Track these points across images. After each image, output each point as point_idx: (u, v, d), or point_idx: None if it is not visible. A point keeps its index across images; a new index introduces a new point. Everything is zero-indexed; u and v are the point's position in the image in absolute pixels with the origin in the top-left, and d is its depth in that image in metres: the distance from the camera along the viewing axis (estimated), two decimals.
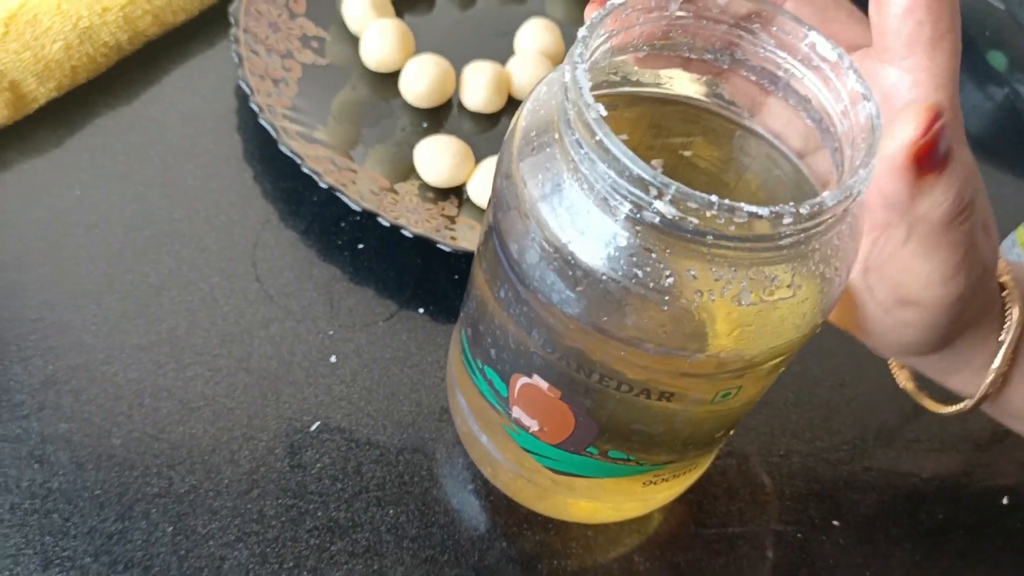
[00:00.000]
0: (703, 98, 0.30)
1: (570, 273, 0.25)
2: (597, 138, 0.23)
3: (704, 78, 0.30)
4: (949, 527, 0.41)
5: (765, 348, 0.27)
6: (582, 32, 0.25)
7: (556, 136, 0.25)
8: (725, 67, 0.29)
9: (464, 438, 0.37)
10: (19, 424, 0.37)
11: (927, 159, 0.25)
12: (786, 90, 0.28)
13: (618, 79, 0.29)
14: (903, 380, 0.38)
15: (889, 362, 0.38)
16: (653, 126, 0.31)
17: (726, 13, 0.28)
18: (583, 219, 0.24)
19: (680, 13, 0.27)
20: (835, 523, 0.40)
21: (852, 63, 0.25)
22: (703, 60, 0.29)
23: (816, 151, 0.29)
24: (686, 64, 0.29)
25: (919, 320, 0.29)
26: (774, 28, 0.27)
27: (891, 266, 0.28)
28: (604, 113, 0.23)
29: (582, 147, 0.23)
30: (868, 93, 0.25)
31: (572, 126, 0.24)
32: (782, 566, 0.38)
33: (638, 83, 0.30)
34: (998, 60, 0.66)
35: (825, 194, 0.23)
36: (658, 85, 0.30)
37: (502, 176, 0.27)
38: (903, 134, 0.24)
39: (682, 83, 0.30)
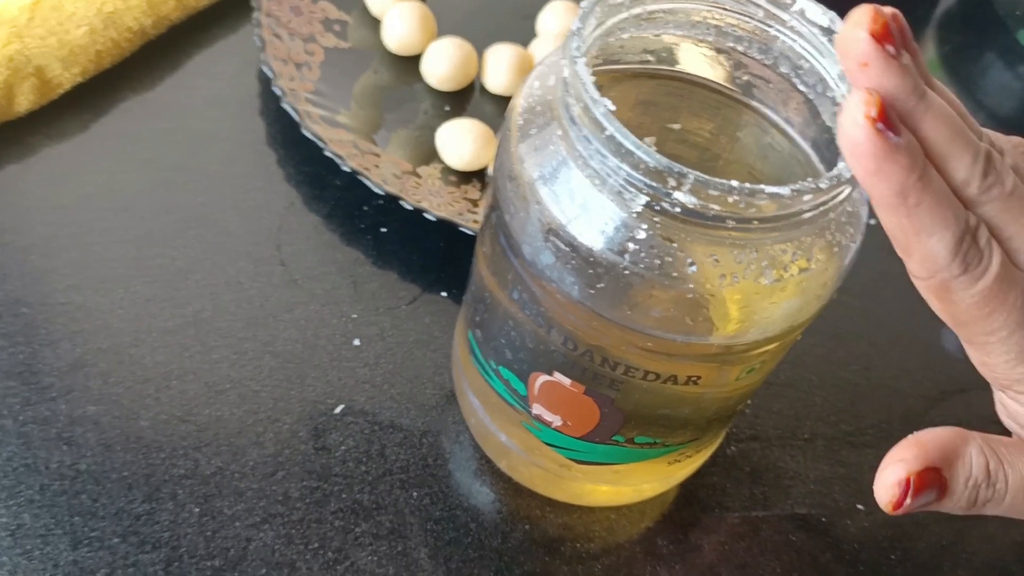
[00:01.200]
0: (689, 71, 0.30)
1: (590, 271, 0.25)
2: (608, 133, 0.23)
3: (700, 51, 0.30)
4: (974, 517, 0.40)
5: (789, 322, 0.27)
6: (575, 24, 0.25)
7: (560, 133, 0.25)
8: (711, 39, 0.29)
9: (478, 435, 0.37)
10: (48, 406, 0.37)
11: (913, 506, 0.24)
12: (777, 58, 0.28)
13: (600, 60, 0.29)
14: None
15: None
16: (640, 103, 0.31)
17: None
18: (598, 215, 0.24)
19: None
20: (860, 507, 0.40)
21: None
22: (690, 36, 0.29)
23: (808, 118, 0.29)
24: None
25: None
26: None
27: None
28: (613, 108, 0.23)
29: (591, 142, 0.23)
30: None
31: (578, 122, 0.24)
32: (806, 550, 0.38)
33: (619, 61, 0.29)
34: None
35: (841, 165, 0.23)
36: (644, 63, 0.30)
37: (504, 177, 0.27)
38: (881, 498, 0.24)
39: (672, 57, 0.30)
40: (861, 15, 0.22)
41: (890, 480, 0.24)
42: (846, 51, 0.22)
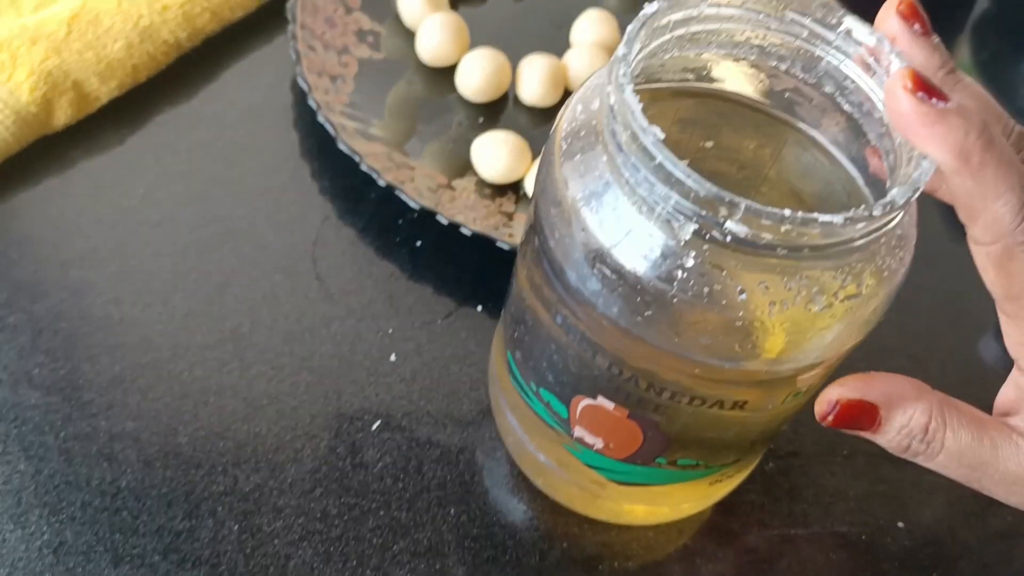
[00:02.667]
0: (729, 89, 0.30)
1: (637, 298, 0.25)
2: (657, 162, 0.22)
3: (740, 68, 0.29)
4: (1020, 530, 0.40)
5: (838, 347, 0.26)
6: (621, 49, 0.24)
7: (605, 159, 0.25)
8: (753, 59, 0.29)
9: (515, 454, 0.37)
10: (88, 422, 0.37)
11: (845, 426, 0.27)
12: (822, 77, 0.28)
13: (641, 79, 0.29)
14: None
15: None
16: (679, 120, 0.31)
17: (756, 6, 0.27)
18: (646, 242, 0.24)
19: (709, 11, 0.27)
20: (900, 524, 0.39)
21: (893, 47, 0.25)
22: (732, 55, 0.29)
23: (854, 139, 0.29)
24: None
25: None
26: (806, 18, 0.27)
27: None
28: (662, 136, 0.22)
29: (639, 170, 0.23)
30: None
31: (625, 149, 0.23)
32: (846, 568, 0.38)
33: (659, 79, 0.29)
34: None
35: (894, 191, 0.23)
36: (683, 81, 0.30)
37: (548, 201, 0.27)
38: (816, 410, 0.27)
39: (712, 75, 0.30)
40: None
41: (826, 396, 0.26)
42: (879, 29, 0.25)
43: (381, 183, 0.42)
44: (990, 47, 0.64)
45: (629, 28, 0.25)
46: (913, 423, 0.26)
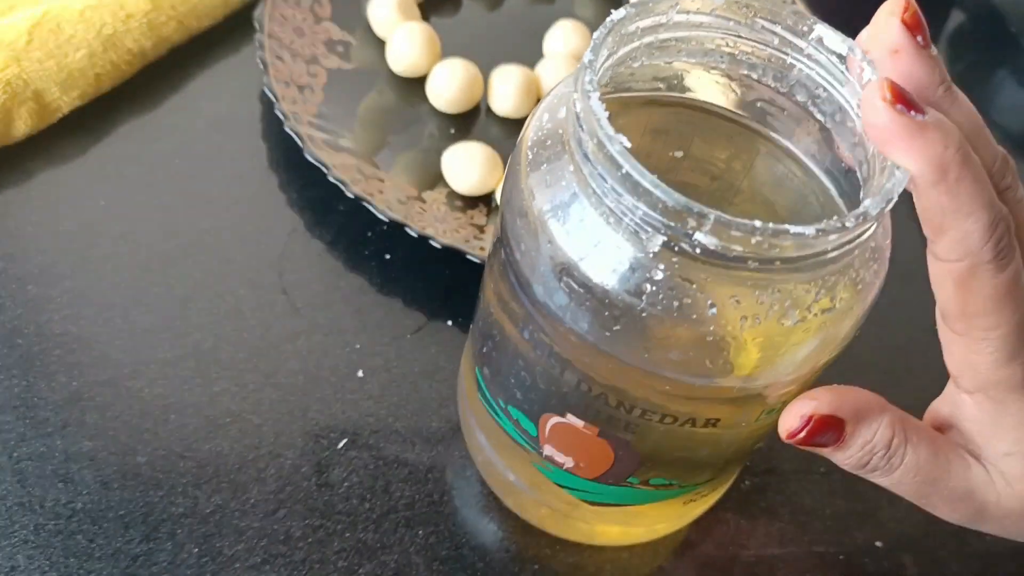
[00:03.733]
0: (701, 98, 0.29)
1: (605, 312, 0.24)
2: (623, 171, 0.22)
3: (712, 77, 0.29)
4: (997, 550, 0.39)
5: (812, 363, 0.26)
6: (587, 56, 0.24)
7: (572, 168, 0.24)
8: (724, 67, 0.28)
9: (485, 473, 0.36)
10: (43, 442, 0.36)
11: (809, 443, 0.25)
12: (794, 86, 0.27)
13: (610, 88, 0.28)
14: None
15: None
16: (650, 130, 0.30)
17: (726, 13, 0.27)
18: (613, 255, 0.23)
19: (678, 18, 0.26)
20: (878, 544, 0.39)
21: (865, 55, 0.24)
22: (702, 64, 0.28)
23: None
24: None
25: None
26: (777, 26, 0.26)
27: None
28: (628, 145, 0.22)
29: (605, 180, 0.22)
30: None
31: (592, 158, 0.23)
32: None
33: (629, 88, 0.28)
34: None
35: (867, 202, 0.22)
36: (654, 90, 0.29)
37: (514, 213, 0.26)
38: (780, 427, 0.25)
39: (683, 84, 0.29)
40: (894, 4, 0.23)
41: (797, 411, 0.25)
42: (877, 37, 0.23)
43: (349, 194, 0.42)
44: (965, 60, 0.64)
45: (596, 34, 0.24)
46: (877, 438, 0.25)
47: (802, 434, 0.25)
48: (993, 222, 0.22)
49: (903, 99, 0.21)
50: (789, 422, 0.25)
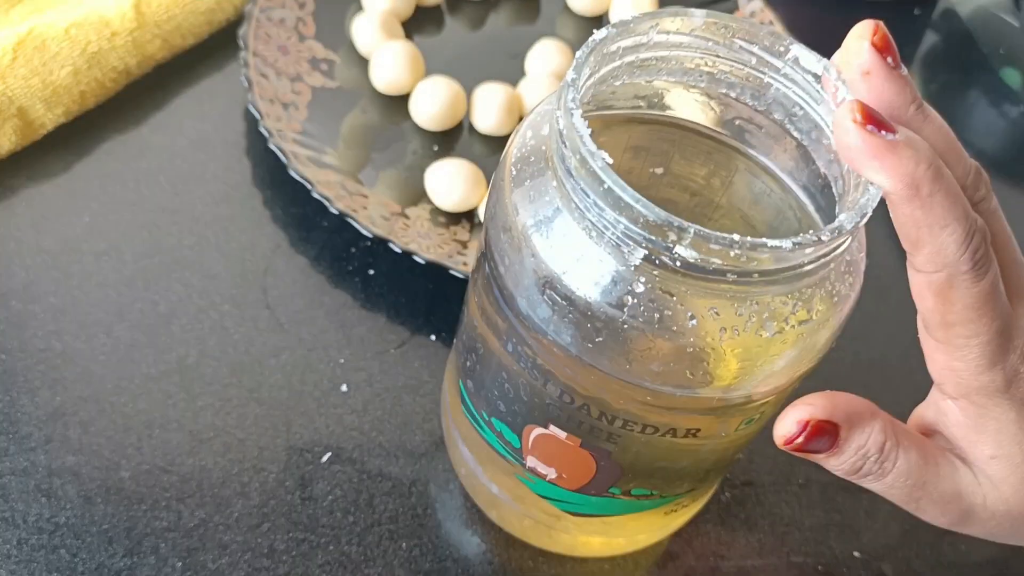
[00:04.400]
0: (681, 116, 0.30)
1: (587, 325, 0.24)
2: (605, 186, 0.22)
3: (691, 96, 0.29)
4: (973, 559, 0.40)
5: (790, 374, 0.26)
6: (570, 75, 0.24)
7: (555, 184, 0.25)
8: (703, 86, 0.29)
9: (468, 486, 0.37)
10: (26, 457, 0.36)
11: (804, 450, 0.25)
12: (771, 104, 0.28)
13: (591, 106, 0.28)
14: None
15: None
16: (631, 148, 0.31)
17: (705, 34, 0.27)
18: (595, 268, 0.24)
19: (658, 38, 0.27)
20: (856, 554, 0.39)
21: (839, 74, 0.25)
22: (682, 82, 0.29)
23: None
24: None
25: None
26: (754, 46, 0.27)
27: None
28: (610, 161, 0.22)
29: (588, 195, 0.23)
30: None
31: (574, 174, 0.23)
32: None
33: (611, 107, 0.29)
34: (1012, 78, 0.65)
35: (842, 217, 0.23)
36: (635, 108, 0.30)
37: (498, 228, 0.26)
38: (776, 433, 0.25)
39: (663, 102, 0.30)
40: (864, 28, 0.24)
41: (793, 417, 0.25)
42: (849, 60, 0.24)
43: (333, 211, 0.42)
44: (938, 79, 0.66)
45: (578, 54, 0.25)
46: (871, 443, 0.25)
47: (799, 439, 0.25)
48: (968, 233, 0.23)
49: (873, 120, 0.22)
50: (785, 428, 0.25)
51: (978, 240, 0.23)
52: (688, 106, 0.30)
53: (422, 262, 0.41)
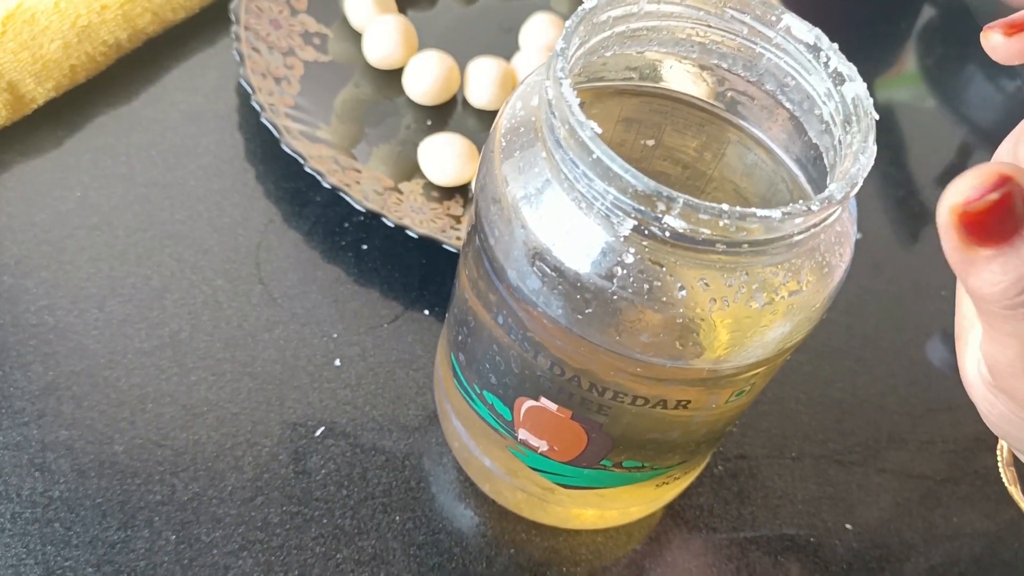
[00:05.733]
0: (673, 88, 0.30)
1: (577, 296, 0.24)
2: (595, 156, 0.22)
3: (683, 67, 0.29)
4: (965, 531, 0.40)
5: (780, 345, 0.26)
6: (559, 44, 0.24)
7: (544, 155, 0.24)
8: (695, 57, 0.28)
9: (461, 459, 0.37)
10: (19, 431, 0.36)
11: (978, 228, 0.18)
12: (763, 75, 0.28)
13: (583, 78, 0.28)
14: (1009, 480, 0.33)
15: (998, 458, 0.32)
16: (623, 120, 0.30)
17: (696, 3, 0.27)
18: (585, 239, 0.24)
19: (649, 8, 0.27)
20: (848, 527, 0.39)
21: (832, 45, 0.25)
22: (674, 53, 0.29)
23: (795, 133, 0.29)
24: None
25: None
26: (746, 15, 0.27)
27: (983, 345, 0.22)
28: (599, 131, 0.22)
29: (577, 166, 0.23)
30: (852, 73, 0.25)
31: (563, 144, 0.23)
32: (795, 571, 0.38)
33: (602, 78, 0.29)
34: None
35: (832, 186, 0.23)
36: (627, 80, 0.29)
37: (488, 199, 0.26)
38: (952, 194, 0.18)
39: (655, 74, 0.29)
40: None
41: (987, 170, 0.18)
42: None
43: (326, 185, 0.42)
44: (935, 53, 0.65)
45: (567, 23, 0.25)
46: None
47: (993, 195, 0.18)
48: None
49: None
50: (971, 182, 0.18)
51: None
52: (680, 78, 0.30)
53: (415, 237, 0.41)
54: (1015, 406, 0.22)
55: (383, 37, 0.49)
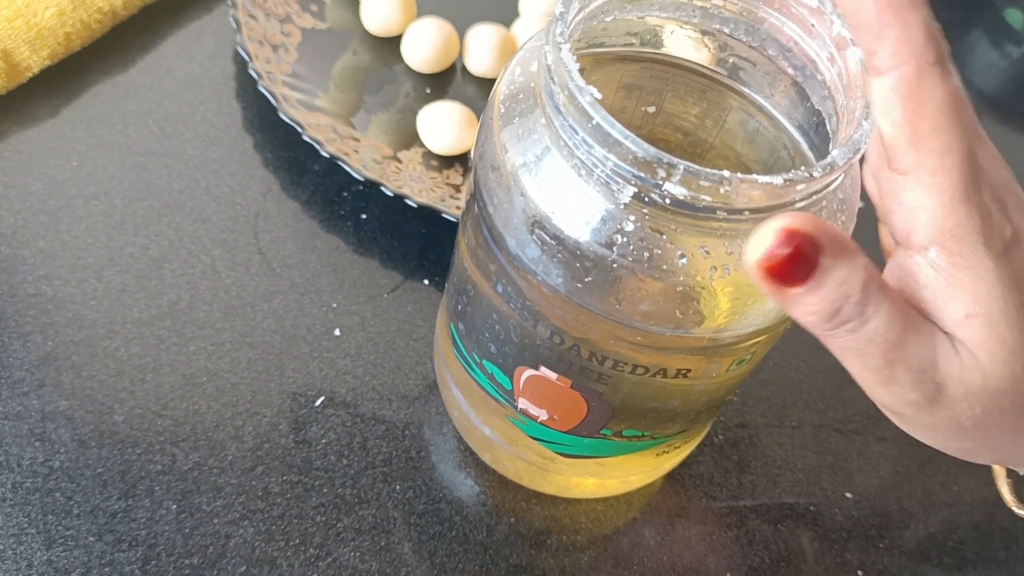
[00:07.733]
0: (674, 54, 0.29)
1: (577, 264, 0.24)
2: (594, 123, 0.22)
3: (685, 32, 0.29)
4: (964, 499, 0.40)
5: (781, 313, 0.26)
6: (559, 8, 0.24)
7: (543, 121, 0.24)
8: (696, 21, 0.28)
9: (461, 428, 0.37)
10: (19, 401, 0.36)
11: (781, 274, 0.21)
12: (765, 40, 0.28)
13: (583, 43, 0.28)
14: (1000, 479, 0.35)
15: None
16: (623, 86, 0.30)
17: None
18: (585, 206, 0.23)
19: None
20: (848, 495, 0.39)
21: (836, 9, 0.24)
22: (675, 18, 0.28)
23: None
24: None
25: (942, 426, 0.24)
26: None
27: None
28: (599, 96, 0.22)
29: (576, 132, 0.22)
30: (856, 39, 0.25)
31: (563, 110, 0.23)
32: (794, 539, 0.38)
33: (602, 44, 0.29)
34: (1015, 17, 0.64)
35: (834, 152, 0.23)
36: (628, 46, 0.29)
37: (487, 167, 0.26)
38: (752, 251, 0.21)
39: (656, 39, 0.29)
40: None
41: (774, 226, 0.20)
42: None
43: (324, 154, 0.41)
44: (940, 18, 0.64)
45: None
46: (854, 279, 0.21)
47: (783, 250, 0.20)
48: (928, 21, 0.20)
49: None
50: (764, 241, 0.20)
51: (938, 32, 0.21)
52: (681, 43, 0.29)
53: (414, 206, 0.41)
54: (894, 415, 0.25)
55: (381, 3, 0.48)
